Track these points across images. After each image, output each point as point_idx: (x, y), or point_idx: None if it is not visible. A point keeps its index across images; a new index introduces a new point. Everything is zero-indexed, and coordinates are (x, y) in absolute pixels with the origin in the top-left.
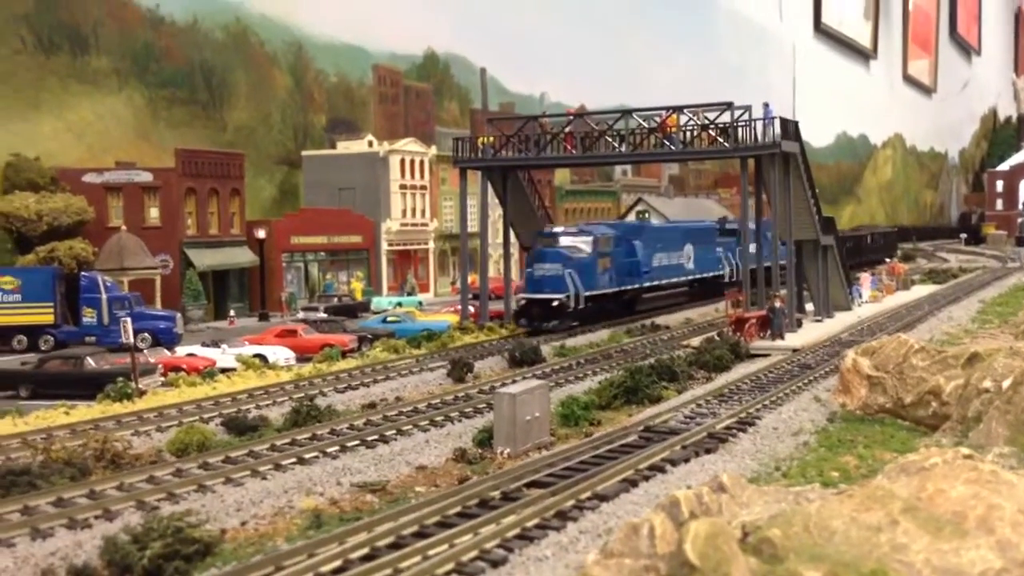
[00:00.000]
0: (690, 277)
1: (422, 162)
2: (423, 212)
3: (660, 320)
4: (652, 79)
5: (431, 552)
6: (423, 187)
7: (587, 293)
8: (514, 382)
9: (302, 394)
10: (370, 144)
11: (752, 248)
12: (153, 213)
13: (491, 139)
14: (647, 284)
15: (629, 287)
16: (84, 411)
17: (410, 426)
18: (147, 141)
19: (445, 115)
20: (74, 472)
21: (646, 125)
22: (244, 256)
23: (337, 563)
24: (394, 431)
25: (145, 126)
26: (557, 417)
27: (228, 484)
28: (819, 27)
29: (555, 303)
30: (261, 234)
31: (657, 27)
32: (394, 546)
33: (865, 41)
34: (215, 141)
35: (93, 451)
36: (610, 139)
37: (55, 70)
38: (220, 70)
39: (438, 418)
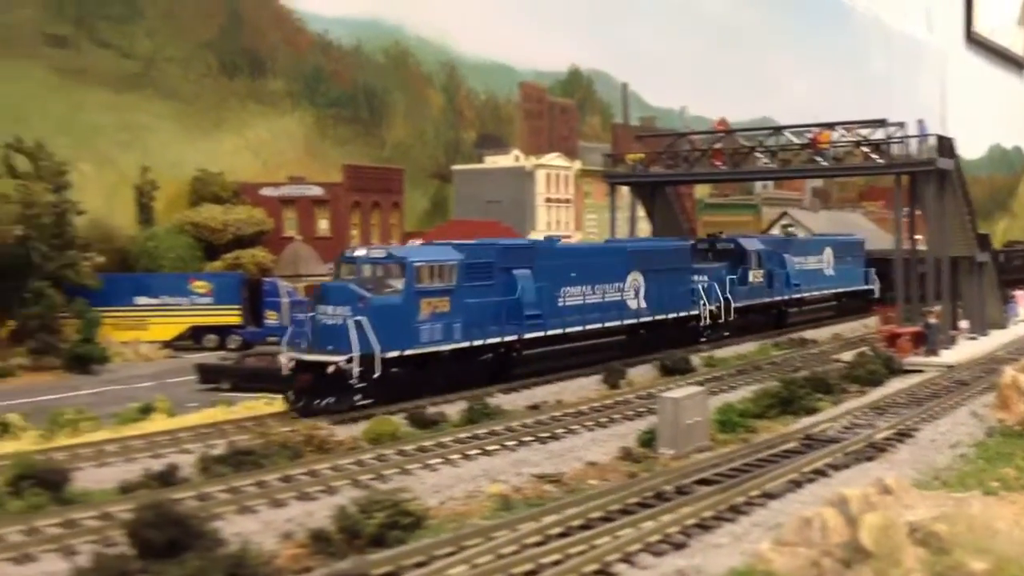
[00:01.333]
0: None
1: (567, 176)
2: (567, 225)
3: (808, 334)
4: (792, 92)
5: (619, 533)
6: (567, 200)
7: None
8: (669, 389)
9: (470, 393)
10: (516, 159)
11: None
12: (323, 224)
13: (641, 156)
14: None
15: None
16: (283, 403)
17: (577, 426)
18: (315, 157)
19: (587, 130)
20: (289, 454)
21: (797, 141)
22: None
23: (537, 538)
24: (563, 430)
25: (313, 143)
26: (714, 424)
27: (424, 469)
28: (970, 36)
29: (330, 368)
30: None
31: (798, 40)
32: (584, 527)
33: (1019, 49)
34: (375, 157)
35: (303, 437)
36: (760, 155)
37: (236, 92)
38: (380, 91)
39: (602, 419)
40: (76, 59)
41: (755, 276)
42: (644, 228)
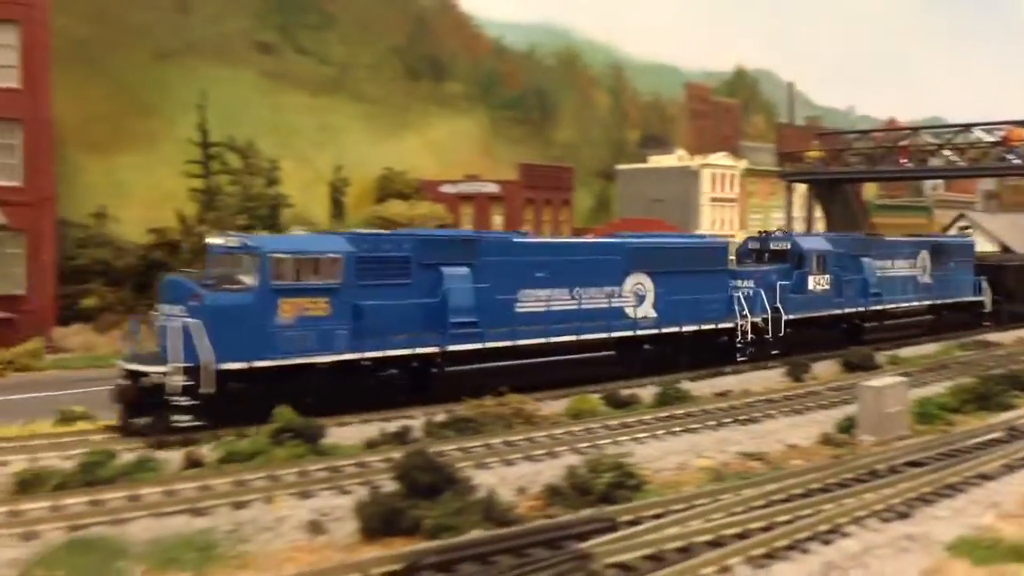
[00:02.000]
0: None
1: (732, 175)
2: (731, 224)
3: (992, 337)
4: (966, 89)
5: (842, 502)
6: (732, 200)
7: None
8: (860, 382)
9: (660, 379)
10: (680, 158)
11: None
12: (497, 220)
13: (820, 153)
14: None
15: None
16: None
17: (773, 411)
18: (488, 156)
19: (751, 129)
20: (503, 424)
21: (987, 138)
22: None
23: (761, 501)
24: (760, 414)
25: (487, 143)
26: (912, 415)
27: (633, 442)
28: None
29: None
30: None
31: (965, 36)
32: (804, 495)
33: None
34: (544, 156)
35: (513, 410)
36: (948, 152)
37: (419, 95)
38: (550, 92)
39: (797, 407)
40: (280, 65)
41: (817, 282)
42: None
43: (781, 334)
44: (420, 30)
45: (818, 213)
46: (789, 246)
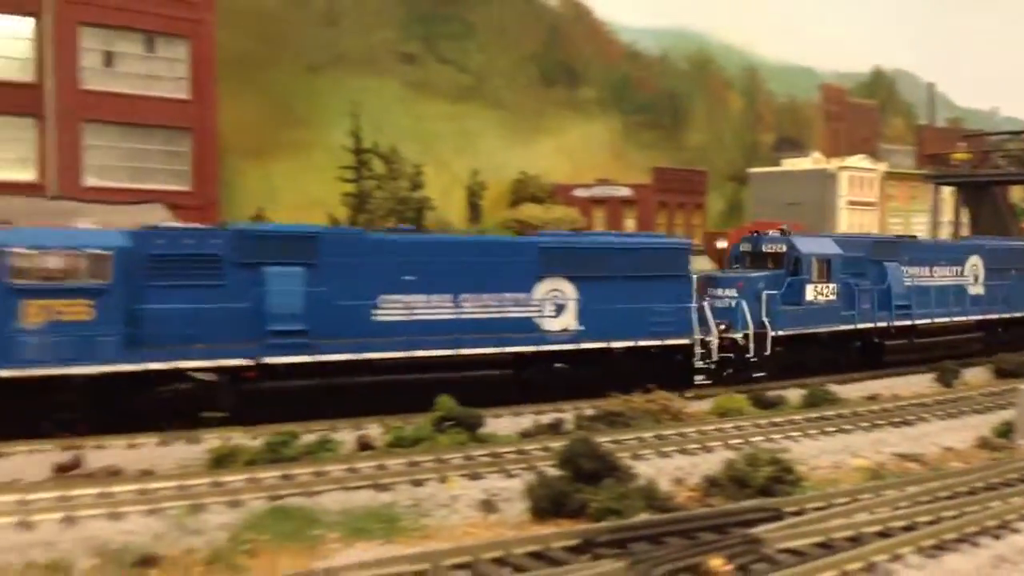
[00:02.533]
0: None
1: (871, 179)
2: (870, 228)
3: None
4: None
5: (1009, 500)
6: (871, 203)
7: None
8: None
9: (806, 381)
10: (816, 161)
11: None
12: (629, 223)
13: (968, 155)
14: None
15: None
16: None
17: (926, 414)
18: (619, 160)
19: (889, 131)
20: (651, 420)
21: None
22: (706, 264)
23: (925, 497)
24: (913, 417)
25: (618, 147)
26: None
27: (787, 439)
28: None
29: None
30: (722, 244)
31: None
32: (968, 493)
33: None
34: (675, 160)
35: (660, 407)
36: None
37: (553, 100)
38: (682, 96)
39: (951, 411)
40: (422, 74)
41: (819, 292)
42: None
43: (767, 353)
44: (555, 37)
45: (964, 218)
46: (785, 248)
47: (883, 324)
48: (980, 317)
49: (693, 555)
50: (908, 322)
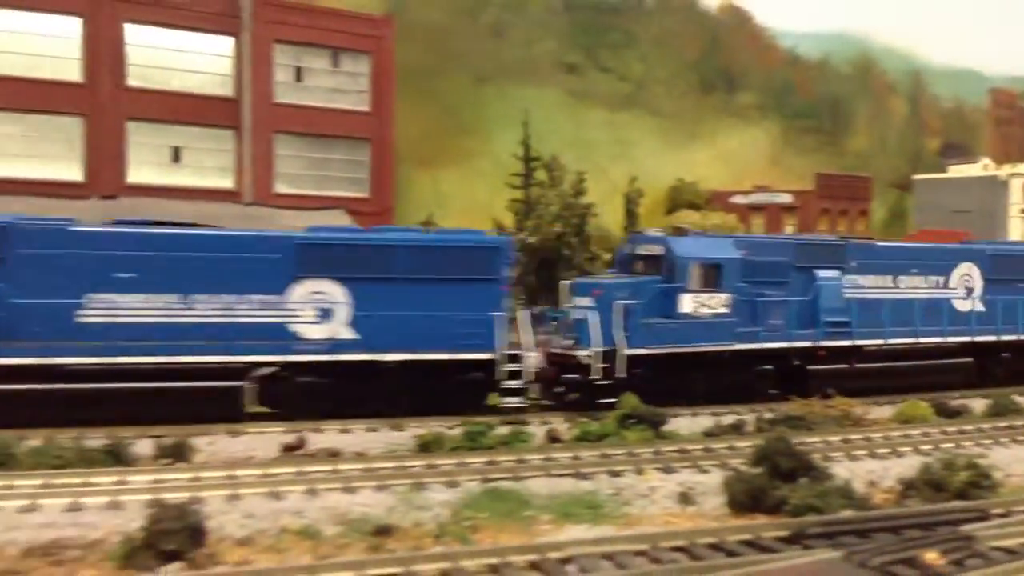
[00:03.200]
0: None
1: None
2: None
3: None
4: None
5: None
6: None
7: None
8: None
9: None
10: (985, 167)
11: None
12: (788, 230)
13: None
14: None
15: None
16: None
17: None
18: (777, 166)
19: None
20: (833, 424)
21: None
22: None
23: None
24: None
25: (776, 153)
26: None
27: (978, 447)
28: None
29: None
30: None
31: None
32: None
33: None
34: (835, 166)
35: (841, 412)
36: None
37: (711, 107)
38: (843, 100)
39: None
40: (583, 83)
41: (701, 303)
42: None
43: (622, 375)
44: (714, 44)
45: None
46: (662, 251)
47: (804, 344)
48: (969, 339)
49: (908, 548)
50: (845, 342)
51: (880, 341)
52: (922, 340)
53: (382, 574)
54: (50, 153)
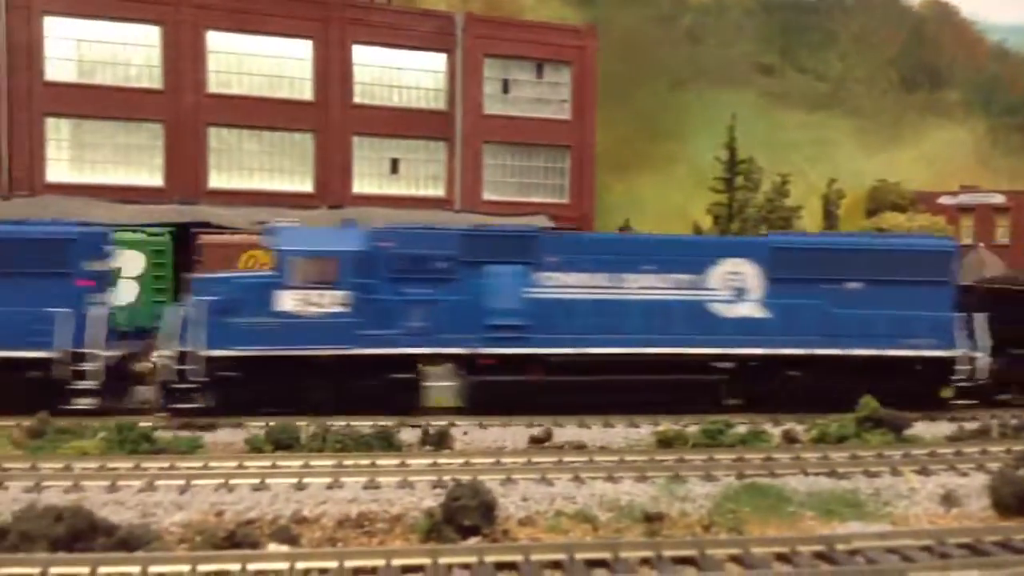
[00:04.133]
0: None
1: None
2: None
3: None
4: None
5: None
6: None
7: None
8: None
9: None
10: None
11: None
12: (1000, 232)
13: None
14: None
15: None
16: None
17: None
18: (984, 166)
19: None
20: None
21: None
22: None
23: None
24: None
25: (983, 152)
26: None
27: None
28: None
29: None
30: None
31: None
32: None
33: None
34: None
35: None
36: None
37: (913, 105)
38: None
39: None
40: (779, 84)
41: (309, 301)
42: None
43: (201, 378)
44: (917, 40)
45: None
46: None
47: (459, 351)
48: (723, 351)
49: None
50: (517, 350)
51: (571, 350)
52: (646, 350)
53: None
54: (285, 167)
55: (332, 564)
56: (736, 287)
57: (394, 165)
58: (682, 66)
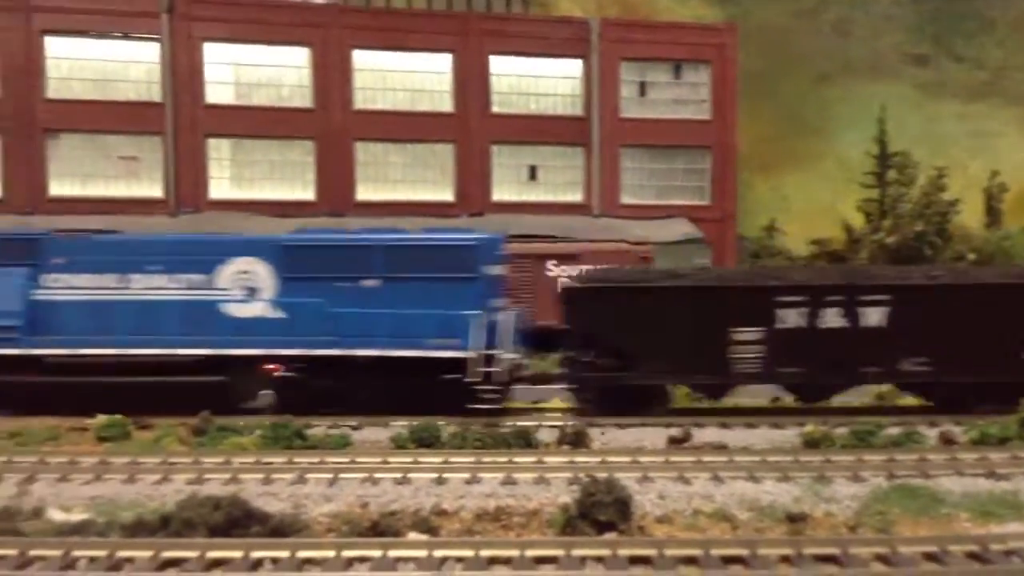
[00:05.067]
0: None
1: None
2: None
3: None
4: None
5: None
6: None
7: None
8: None
9: None
10: None
11: None
12: None
13: None
14: None
15: None
16: None
17: None
18: None
19: None
20: None
21: None
22: None
23: None
24: None
25: None
26: None
27: None
28: None
29: None
30: None
31: None
32: None
33: None
34: None
35: None
36: None
37: None
38: None
39: None
40: (933, 75)
41: None
42: None
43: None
44: None
45: None
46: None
47: None
48: (227, 352)
49: None
50: (9, 351)
51: (65, 351)
52: (140, 351)
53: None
54: (427, 178)
55: (468, 553)
56: (248, 287)
57: (532, 172)
58: (827, 60)
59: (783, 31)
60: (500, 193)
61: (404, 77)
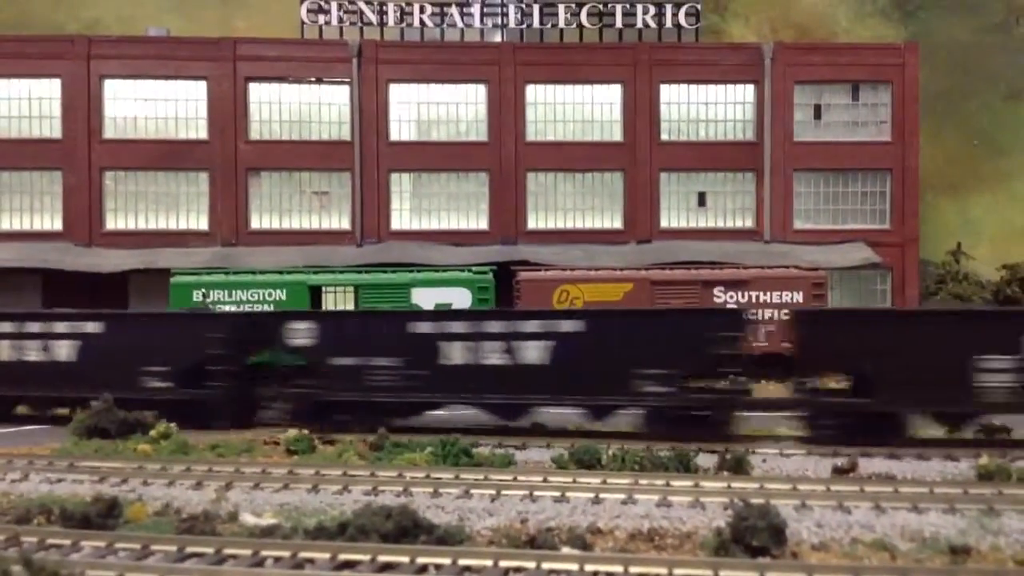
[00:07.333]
0: None
1: None
2: None
3: None
4: None
5: None
6: None
7: None
8: None
9: None
10: None
11: None
12: None
13: None
14: None
15: None
16: None
17: None
18: None
19: None
20: None
21: None
22: None
23: None
24: None
25: None
26: None
27: None
28: None
29: None
30: None
31: None
32: None
33: None
34: None
35: None
36: None
37: None
38: None
39: None
40: None
41: None
42: None
43: None
44: None
45: None
46: None
47: None
48: None
49: None
50: None
51: None
52: None
53: None
54: (596, 205)
55: (618, 568)
56: None
57: (701, 198)
58: (1020, 76)
59: (969, 47)
60: (668, 220)
61: (574, 108)
